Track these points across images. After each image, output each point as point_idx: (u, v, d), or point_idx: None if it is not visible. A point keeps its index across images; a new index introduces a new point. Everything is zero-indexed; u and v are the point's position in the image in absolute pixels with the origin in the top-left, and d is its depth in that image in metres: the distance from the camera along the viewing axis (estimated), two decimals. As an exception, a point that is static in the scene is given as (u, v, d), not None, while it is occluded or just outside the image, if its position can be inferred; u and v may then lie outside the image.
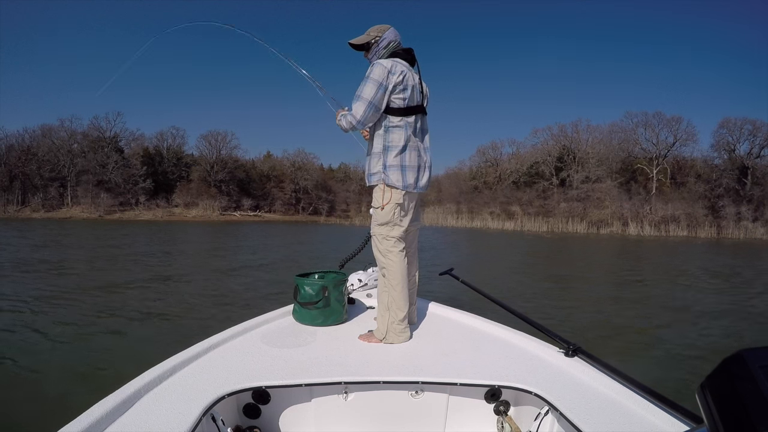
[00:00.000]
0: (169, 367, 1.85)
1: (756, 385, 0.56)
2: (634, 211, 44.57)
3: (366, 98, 2.40)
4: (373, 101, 2.40)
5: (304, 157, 67.33)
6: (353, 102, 2.45)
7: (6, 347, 5.12)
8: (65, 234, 24.81)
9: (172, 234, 27.55)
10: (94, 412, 1.44)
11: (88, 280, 9.59)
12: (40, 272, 10.63)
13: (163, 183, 56.32)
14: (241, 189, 59.87)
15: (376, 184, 2.54)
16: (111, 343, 5.40)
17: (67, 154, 53.32)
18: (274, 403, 1.95)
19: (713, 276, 13.52)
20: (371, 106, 2.41)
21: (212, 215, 53.20)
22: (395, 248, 2.54)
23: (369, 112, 2.42)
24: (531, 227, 44.65)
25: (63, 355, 4.94)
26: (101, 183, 51.81)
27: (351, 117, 2.45)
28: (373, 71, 2.42)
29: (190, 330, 5.77)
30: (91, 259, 14.02)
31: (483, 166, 60.95)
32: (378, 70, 2.41)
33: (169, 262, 13.60)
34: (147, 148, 58.65)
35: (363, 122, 2.46)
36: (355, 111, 2.43)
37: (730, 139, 48.80)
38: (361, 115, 2.42)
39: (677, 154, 51.23)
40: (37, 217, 45.74)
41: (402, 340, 2.44)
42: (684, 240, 34.82)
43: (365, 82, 2.42)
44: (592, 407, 1.70)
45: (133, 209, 52.38)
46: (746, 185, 45.21)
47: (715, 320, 7.49)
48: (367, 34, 2.62)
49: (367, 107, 2.41)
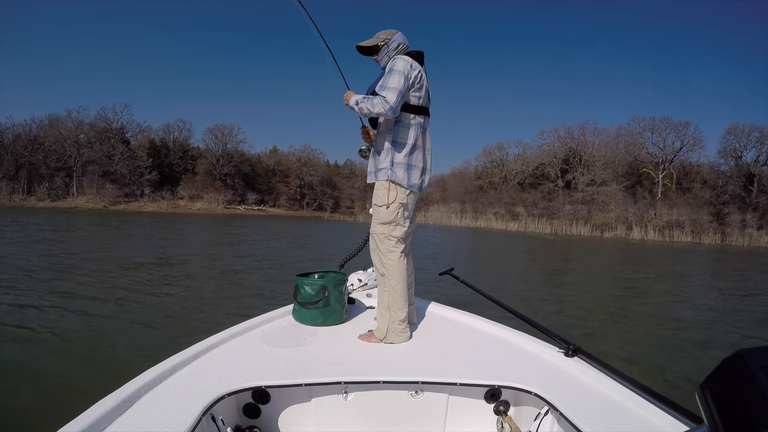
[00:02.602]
0: (169, 367, 1.86)
1: (756, 385, 0.56)
2: (638, 216, 44.33)
3: (395, 87, 2.37)
4: (401, 90, 2.38)
5: (310, 153, 67.36)
6: (381, 92, 2.39)
7: (6, 347, 5.11)
8: (70, 227, 24.88)
9: (174, 225, 27.62)
10: (94, 412, 1.45)
11: (86, 275, 9.60)
12: (39, 265, 10.67)
13: (168, 175, 56.38)
14: (246, 183, 59.88)
15: (382, 180, 2.53)
16: (110, 342, 5.36)
17: (74, 145, 53.44)
18: (274, 403, 1.95)
19: (716, 280, 13.47)
20: (401, 94, 2.38)
21: (216, 208, 53.25)
22: (396, 249, 2.54)
23: (399, 99, 2.38)
24: (535, 229, 44.51)
25: (63, 355, 4.91)
26: (107, 174, 51.94)
27: (383, 101, 2.36)
28: (396, 64, 2.41)
29: (190, 330, 5.75)
30: (90, 250, 14.06)
31: (489, 167, 60.72)
32: (401, 62, 2.41)
33: (169, 255, 13.64)
34: (153, 140, 58.68)
35: (394, 108, 2.38)
36: (388, 97, 2.36)
37: (737, 145, 48.48)
38: (394, 101, 2.36)
39: (684, 160, 50.99)
40: (42, 207, 45.93)
41: (402, 340, 2.45)
42: (688, 246, 34.66)
43: (391, 74, 2.40)
44: (591, 407, 1.70)
45: (138, 201, 52.51)
46: (752, 192, 44.89)
47: (714, 323, 7.47)
48: (376, 37, 2.63)
49: (398, 95, 2.37)
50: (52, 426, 1.33)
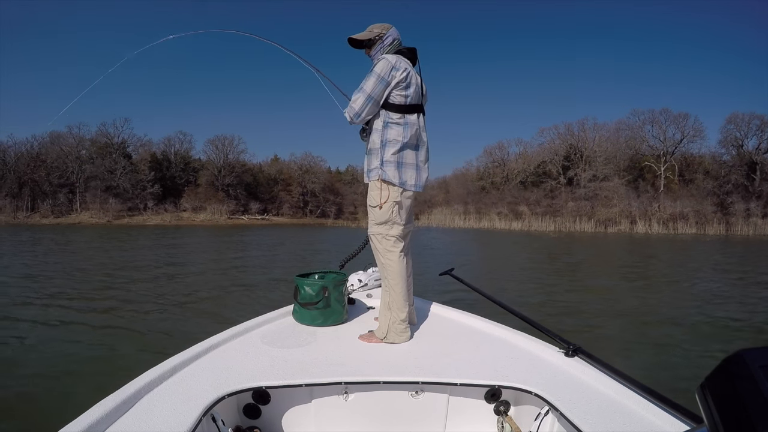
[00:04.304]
0: (169, 368, 1.86)
1: (756, 385, 0.56)
2: (642, 209, 44.23)
3: (366, 91, 2.41)
4: (372, 94, 2.41)
5: (312, 160, 67.67)
6: (354, 94, 2.46)
7: (6, 346, 5.16)
8: (72, 241, 24.98)
9: (177, 237, 27.70)
10: (94, 412, 1.45)
11: (92, 283, 9.66)
12: (43, 274, 10.73)
13: (170, 188, 56.66)
14: (249, 193, 60.07)
15: (374, 180, 2.53)
16: (111, 343, 5.41)
17: (76, 161, 53.84)
18: (274, 404, 1.95)
19: (723, 272, 13.41)
20: (370, 100, 2.42)
21: (220, 219, 53.41)
22: (395, 248, 2.53)
23: (368, 104, 2.43)
24: (539, 227, 44.45)
25: (62, 355, 4.96)
26: (109, 189, 52.22)
27: (350, 109, 2.46)
28: (376, 65, 2.42)
29: (190, 330, 5.78)
30: (97, 263, 14.13)
31: (490, 167, 60.73)
32: (381, 64, 2.41)
33: (171, 263, 13.68)
34: (154, 154, 59.03)
35: (360, 114, 2.45)
36: (353, 103, 2.44)
37: (737, 134, 48.46)
38: (359, 106, 2.43)
39: (685, 151, 50.92)
40: (46, 223, 46.20)
41: (403, 339, 2.44)
42: (692, 237, 34.52)
43: (368, 76, 2.43)
44: (592, 407, 1.70)
45: (142, 214, 52.76)
46: (755, 181, 44.77)
47: (720, 317, 7.43)
48: (370, 30, 2.60)
49: (365, 100, 2.41)
50: (52, 426, 1.33)
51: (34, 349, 5.15)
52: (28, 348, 5.23)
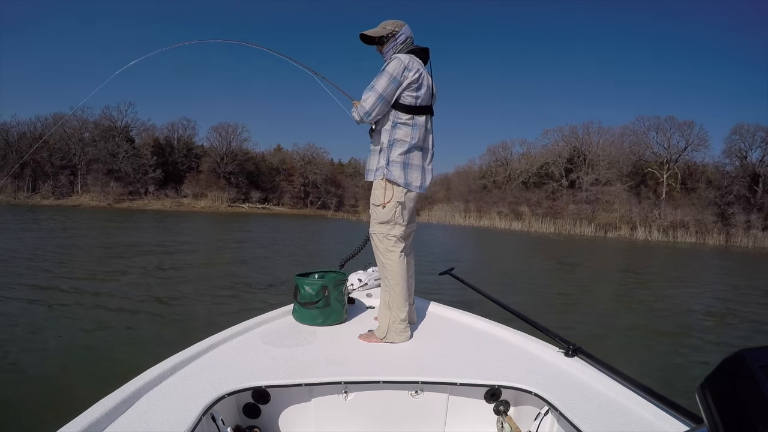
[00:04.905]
0: (169, 367, 1.86)
1: (756, 385, 0.56)
2: (642, 216, 44.14)
3: (377, 90, 2.39)
4: (383, 94, 2.39)
5: (314, 152, 67.55)
6: (364, 92, 2.44)
7: (7, 346, 5.10)
8: (72, 226, 24.95)
9: (178, 223, 27.64)
10: (94, 412, 1.45)
11: (87, 272, 9.65)
12: (37, 263, 10.72)
13: (172, 173, 56.61)
14: (251, 181, 60.03)
15: (378, 179, 2.52)
16: (109, 341, 5.32)
17: (78, 143, 53.74)
18: (274, 403, 1.95)
19: (720, 284, 13.42)
20: (381, 99, 2.40)
21: (220, 206, 53.41)
22: (396, 248, 2.52)
23: (378, 104, 2.41)
24: (538, 228, 44.38)
25: (61, 355, 4.88)
26: (111, 172, 52.17)
27: (360, 107, 2.44)
28: (389, 64, 2.40)
29: (190, 329, 5.74)
30: (93, 249, 14.11)
31: (493, 166, 60.68)
32: (394, 64, 2.39)
33: (171, 253, 13.68)
34: (157, 139, 58.93)
35: (371, 113, 2.44)
36: (364, 101, 2.42)
37: (742, 145, 48.26)
38: (370, 106, 2.41)
39: (688, 159, 50.75)
40: (47, 204, 46.16)
41: (402, 339, 2.44)
42: (691, 246, 34.50)
43: (380, 75, 2.41)
44: (591, 407, 1.70)
45: (142, 199, 52.75)
46: (757, 193, 44.64)
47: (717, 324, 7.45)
48: (383, 27, 2.57)
49: (377, 99, 2.39)
50: (52, 426, 1.33)
51: (33, 348, 5.03)
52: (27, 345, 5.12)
